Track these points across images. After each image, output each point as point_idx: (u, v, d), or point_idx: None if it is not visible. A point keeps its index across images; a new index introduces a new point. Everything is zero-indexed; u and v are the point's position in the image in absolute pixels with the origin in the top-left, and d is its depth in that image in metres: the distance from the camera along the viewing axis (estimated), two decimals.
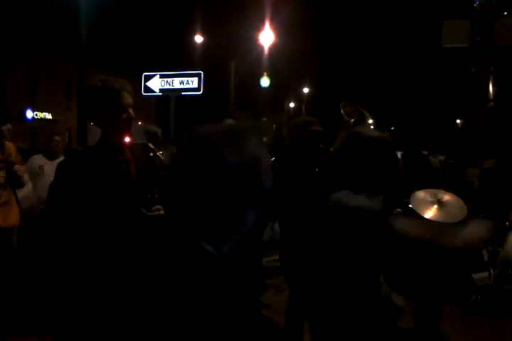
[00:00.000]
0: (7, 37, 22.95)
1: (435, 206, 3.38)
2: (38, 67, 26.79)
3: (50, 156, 4.76)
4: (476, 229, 2.25)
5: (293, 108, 40.80)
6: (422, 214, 3.33)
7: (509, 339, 4.09)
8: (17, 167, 3.66)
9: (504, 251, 3.23)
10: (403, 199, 3.64)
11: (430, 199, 3.43)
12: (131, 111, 2.31)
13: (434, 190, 3.52)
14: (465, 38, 5.94)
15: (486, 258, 4.72)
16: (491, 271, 4.64)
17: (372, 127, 3.28)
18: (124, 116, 2.27)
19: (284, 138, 7.03)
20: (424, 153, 3.88)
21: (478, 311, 4.63)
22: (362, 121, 3.28)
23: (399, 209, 3.62)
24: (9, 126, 3.83)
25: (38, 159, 4.87)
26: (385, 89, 31.56)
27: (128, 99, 2.28)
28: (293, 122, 3.53)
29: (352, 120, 3.26)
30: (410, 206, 3.47)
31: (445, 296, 3.76)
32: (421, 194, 3.49)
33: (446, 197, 3.45)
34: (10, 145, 3.82)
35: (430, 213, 3.35)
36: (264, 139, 2.88)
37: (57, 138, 4.77)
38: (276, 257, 6.29)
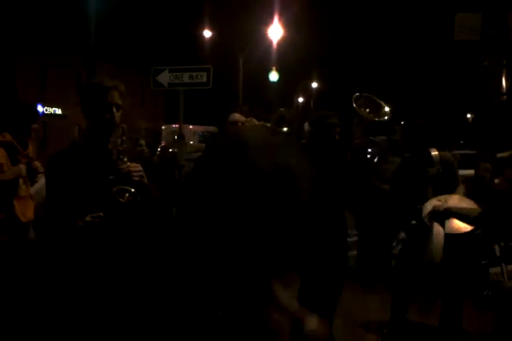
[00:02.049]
0: (16, 31, 23.03)
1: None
2: (48, 61, 26.87)
3: None
4: None
5: (302, 103, 40.66)
6: (438, 230, 3.25)
7: None
8: (37, 163, 3.78)
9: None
10: (416, 205, 3.53)
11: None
12: (114, 110, 2.31)
13: (439, 198, 3.37)
14: (477, 31, 5.86)
15: (498, 253, 4.68)
16: (504, 267, 4.60)
17: (388, 116, 3.24)
18: (108, 115, 2.29)
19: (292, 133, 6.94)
20: (431, 150, 3.75)
21: (489, 306, 4.59)
22: (378, 110, 3.25)
23: (414, 221, 3.54)
24: (37, 125, 3.93)
25: None
26: (395, 84, 31.33)
27: (115, 98, 2.31)
28: (311, 116, 3.52)
29: (367, 110, 3.23)
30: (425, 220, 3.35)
31: (460, 291, 3.73)
32: (429, 207, 3.34)
33: (454, 203, 3.29)
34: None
35: (449, 227, 3.25)
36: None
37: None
38: None
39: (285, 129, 2.99)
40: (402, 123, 5.63)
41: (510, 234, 4.66)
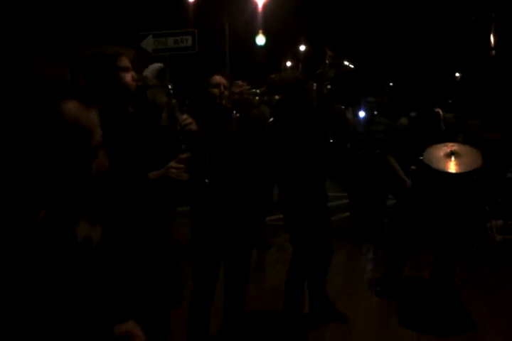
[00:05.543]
0: None
1: (452, 158, 3.41)
2: (28, 31, 26.15)
3: None
4: None
5: (290, 66, 40.13)
6: (442, 169, 3.36)
7: (509, 288, 4.15)
8: None
9: None
10: (417, 157, 3.63)
11: (443, 153, 3.44)
12: (133, 73, 2.24)
13: (444, 144, 3.53)
14: None
15: (487, 209, 4.76)
16: (493, 222, 4.68)
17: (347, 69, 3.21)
18: (128, 77, 2.21)
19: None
20: (437, 110, 3.85)
21: (479, 261, 4.70)
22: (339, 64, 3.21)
23: (413, 167, 3.62)
24: None
25: None
26: (382, 43, 30.82)
27: (125, 62, 2.23)
28: (284, 80, 3.35)
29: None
30: (425, 163, 3.46)
31: (455, 246, 3.80)
32: (433, 149, 3.49)
33: (458, 148, 3.48)
34: None
35: (450, 166, 3.37)
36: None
37: None
38: (279, 216, 6.34)
39: (276, 97, 2.95)
40: (391, 84, 5.58)
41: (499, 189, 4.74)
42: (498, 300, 3.93)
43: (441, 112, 3.86)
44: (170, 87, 2.31)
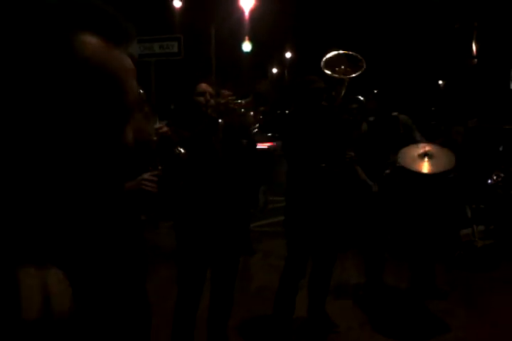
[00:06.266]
0: None
1: (425, 159, 3.48)
2: None
3: None
4: None
5: (276, 73, 40.28)
6: (415, 170, 3.41)
7: (492, 293, 4.19)
8: None
9: None
10: (384, 161, 3.69)
11: (417, 154, 3.50)
12: None
13: (418, 145, 3.61)
14: None
15: (469, 214, 4.81)
16: (475, 227, 4.73)
17: (363, 66, 3.22)
18: None
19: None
20: (395, 114, 3.97)
21: (461, 266, 4.73)
22: (355, 63, 3.21)
23: (387, 171, 3.66)
24: None
25: None
26: (365, 50, 31.20)
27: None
28: (296, 82, 3.43)
29: (342, 67, 3.18)
30: (399, 165, 3.51)
31: (431, 252, 3.84)
32: (408, 150, 3.56)
33: (431, 149, 3.55)
34: None
35: (423, 167, 3.43)
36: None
37: None
38: (264, 222, 6.35)
39: (262, 108, 2.96)
40: (376, 92, 5.67)
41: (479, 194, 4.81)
42: (480, 303, 3.96)
43: (398, 116, 4.00)
44: (141, 91, 2.15)
